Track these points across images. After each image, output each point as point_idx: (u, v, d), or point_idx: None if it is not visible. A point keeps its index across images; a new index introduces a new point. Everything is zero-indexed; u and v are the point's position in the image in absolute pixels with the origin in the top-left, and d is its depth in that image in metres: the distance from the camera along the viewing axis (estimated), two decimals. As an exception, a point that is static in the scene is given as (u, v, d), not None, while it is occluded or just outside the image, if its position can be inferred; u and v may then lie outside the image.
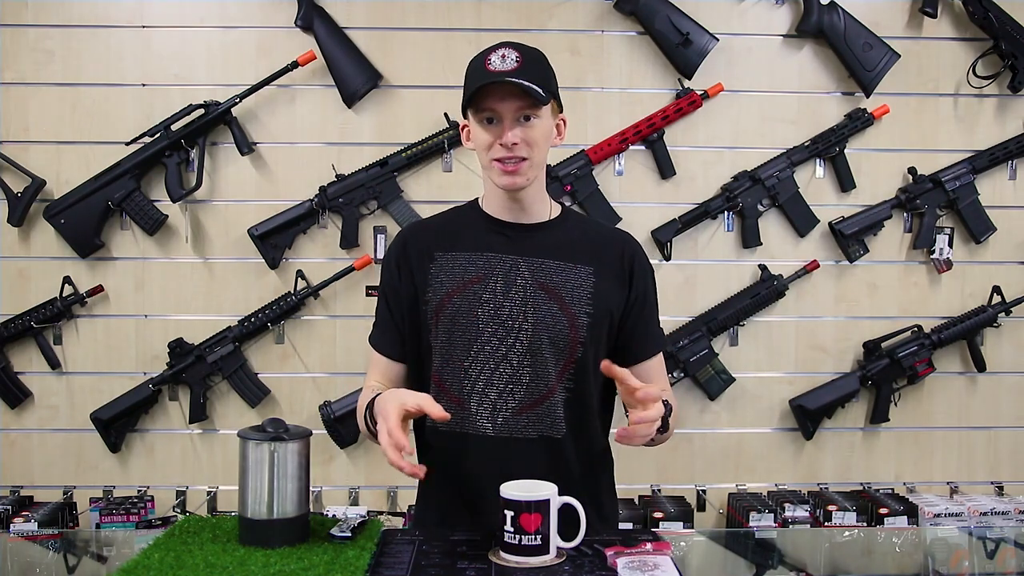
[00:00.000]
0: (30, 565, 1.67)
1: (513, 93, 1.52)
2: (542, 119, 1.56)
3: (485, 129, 1.56)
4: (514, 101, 1.53)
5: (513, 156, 1.54)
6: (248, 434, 1.42)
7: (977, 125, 2.83)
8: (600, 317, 1.60)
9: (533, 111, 1.54)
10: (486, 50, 1.57)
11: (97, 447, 2.74)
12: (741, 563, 1.74)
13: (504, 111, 1.53)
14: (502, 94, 1.53)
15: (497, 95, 1.53)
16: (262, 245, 2.71)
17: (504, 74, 1.51)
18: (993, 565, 1.70)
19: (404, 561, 1.38)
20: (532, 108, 1.54)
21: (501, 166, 1.55)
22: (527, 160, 1.55)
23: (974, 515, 2.62)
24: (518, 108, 1.53)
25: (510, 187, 1.57)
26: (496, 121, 1.55)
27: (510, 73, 1.51)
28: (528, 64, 1.54)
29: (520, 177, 1.56)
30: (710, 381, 2.79)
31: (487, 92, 1.53)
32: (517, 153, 1.54)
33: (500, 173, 1.56)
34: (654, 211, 2.79)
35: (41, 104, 2.72)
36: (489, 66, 1.53)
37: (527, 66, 1.53)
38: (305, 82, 2.74)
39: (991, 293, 2.81)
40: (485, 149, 1.56)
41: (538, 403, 1.59)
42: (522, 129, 1.54)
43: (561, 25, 2.76)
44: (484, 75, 1.53)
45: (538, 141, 1.56)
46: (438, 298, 1.60)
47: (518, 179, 1.56)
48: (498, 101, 1.53)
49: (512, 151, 1.53)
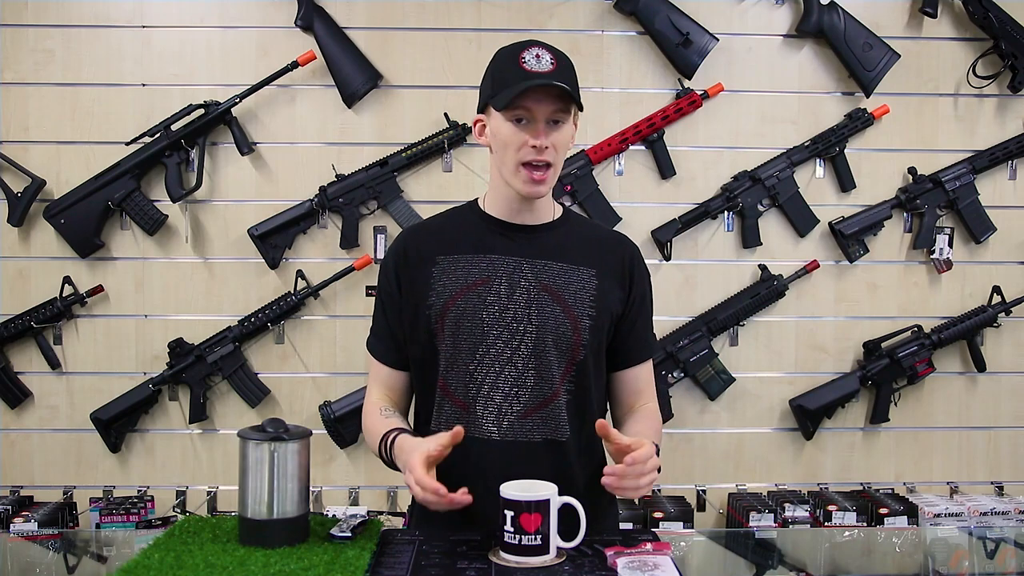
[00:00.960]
0: (30, 565, 1.67)
1: (550, 95, 1.51)
2: (568, 124, 1.56)
3: (516, 129, 1.53)
4: (550, 104, 1.51)
5: (542, 160, 1.52)
6: (248, 434, 1.42)
7: (977, 125, 2.83)
8: (601, 319, 1.60)
9: (564, 115, 1.53)
10: (516, 47, 1.54)
11: (97, 447, 2.74)
12: (741, 563, 1.74)
13: (539, 112, 1.51)
14: (539, 95, 1.50)
15: (533, 96, 1.50)
16: (262, 245, 2.71)
17: (544, 75, 1.50)
18: (993, 565, 1.70)
19: (404, 561, 1.38)
20: (564, 112, 1.53)
21: (528, 172, 1.53)
22: (552, 167, 1.54)
23: (974, 515, 2.62)
24: (553, 111, 1.52)
25: (533, 195, 1.56)
26: (527, 122, 1.52)
27: (549, 75, 1.50)
28: (562, 67, 1.52)
29: (544, 186, 1.55)
30: (710, 381, 2.79)
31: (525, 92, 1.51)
32: (546, 157, 1.52)
33: (526, 180, 1.53)
34: (654, 211, 2.79)
35: (41, 104, 2.72)
36: (525, 65, 1.51)
37: (562, 69, 1.52)
38: (305, 82, 2.74)
39: (991, 293, 2.81)
40: (515, 149, 1.53)
41: (543, 406, 1.58)
42: (551, 132, 1.53)
43: (561, 25, 2.76)
44: (522, 74, 1.50)
45: (564, 146, 1.55)
46: (442, 302, 1.59)
47: (542, 188, 1.55)
48: (535, 102, 1.51)
49: (542, 155, 1.52)
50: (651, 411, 1.67)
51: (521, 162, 1.53)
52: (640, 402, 1.68)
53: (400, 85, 2.76)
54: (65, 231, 2.68)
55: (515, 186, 1.56)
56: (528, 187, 1.54)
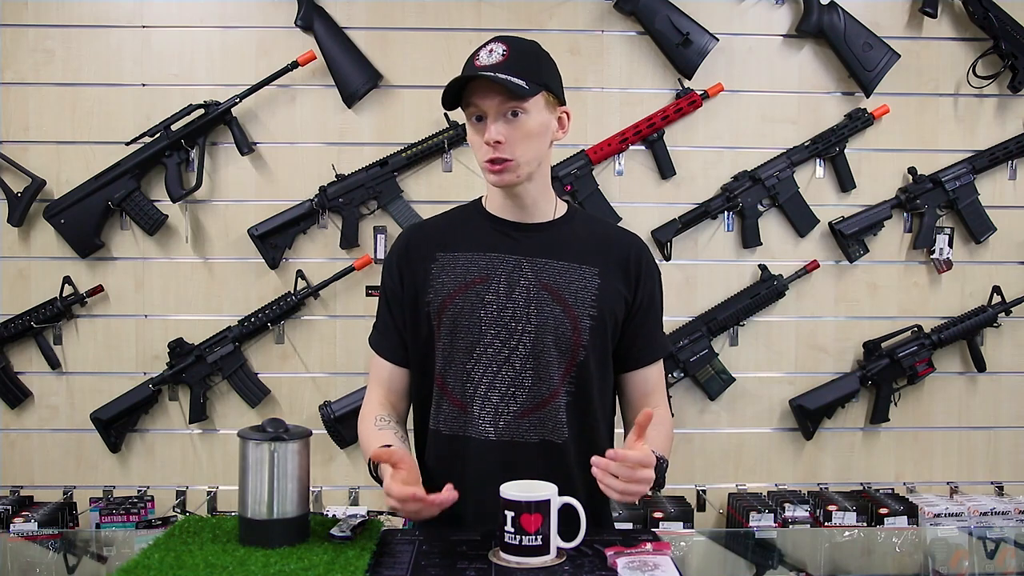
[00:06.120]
0: (30, 565, 1.67)
1: (494, 89, 1.48)
2: (530, 114, 1.51)
3: (474, 127, 1.53)
4: (495, 97, 1.48)
5: (497, 156, 1.50)
6: (248, 434, 1.42)
7: (977, 125, 2.83)
8: (603, 319, 1.58)
9: (518, 105, 1.49)
10: (482, 45, 1.54)
11: (97, 447, 2.74)
12: (741, 563, 1.74)
13: (487, 107, 1.49)
14: (484, 90, 1.49)
15: (480, 91, 1.49)
16: (262, 245, 2.70)
17: (484, 69, 1.48)
18: (993, 565, 1.70)
19: (404, 561, 1.38)
20: (517, 103, 1.49)
21: (489, 165, 1.52)
22: (512, 160, 1.51)
23: (974, 515, 2.62)
24: (500, 103, 1.49)
25: (499, 185, 1.54)
26: (484, 119, 1.51)
27: (491, 67, 1.48)
28: (514, 57, 1.49)
29: (508, 175, 1.52)
30: (710, 381, 2.79)
31: (471, 88, 1.49)
32: (500, 153, 1.50)
33: (488, 172, 1.53)
34: (654, 211, 2.79)
35: (41, 104, 2.72)
36: (477, 60, 1.50)
37: (513, 59, 1.49)
38: (305, 82, 2.74)
39: (991, 293, 2.81)
40: (477, 148, 1.54)
41: (540, 407, 1.57)
42: (507, 126, 1.50)
43: (561, 25, 2.76)
44: (469, 70, 1.50)
45: (525, 138, 1.51)
46: (440, 299, 1.58)
47: (506, 176, 1.52)
48: (480, 97, 1.49)
49: (496, 150, 1.50)
50: (662, 418, 1.63)
51: (483, 159, 1.53)
52: (650, 404, 1.63)
53: (400, 85, 2.76)
54: (65, 231, 2.68)
55: (487, 180, 1.55)
56: (490, 177, 1.53)
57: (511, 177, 1.53)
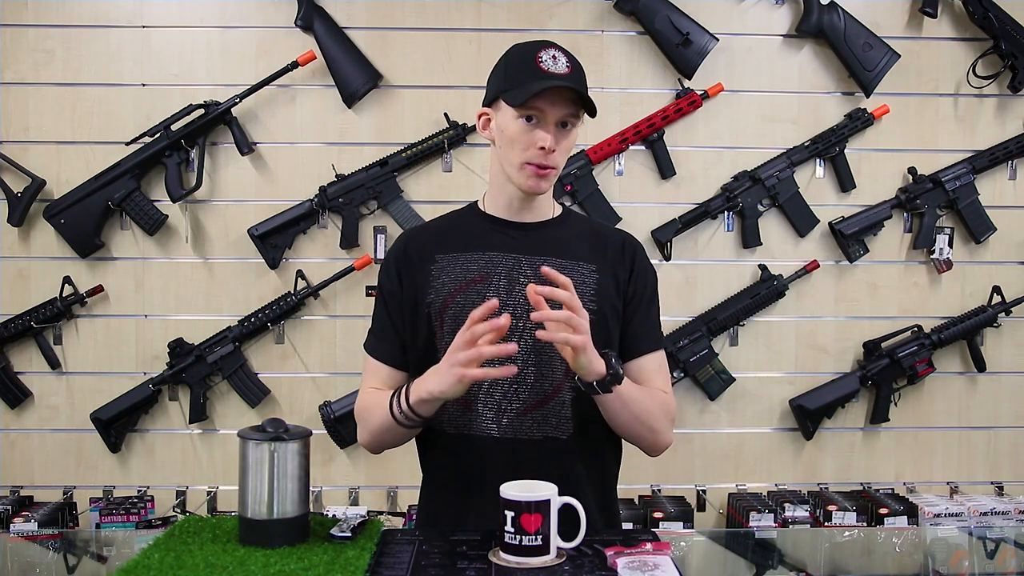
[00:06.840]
0: (30, 565, 1.67)
1: (564, 98, 1.51)
2: (576, 128, 1.57)
3: (521, 127, 1.53)
4: (563, 107, 1.52)
5: (545, 163, 1.53)
6: (248, 434, 1.42)
7: (977, 125, 2.83)
8: (603, 314, 1.59)
9: (574, 119, 1.54)
10: (532, 45, 1.55)
11: (97, 447, 2.75)
12: (741, 563, 1.74)
13: (552, 114, 1.52)
14: (553, 97, 1.51)
15: (548, 97, 1.51)
16: (262, 245, 2.71)
17: (561, 77, 1.50)
18: (993, 565, 1.70)
19: (404, 561, 1.38)
20: (575, 117, 1.54)
21: (533, 168, 1.54)
22: (554, 169, 1.55)
23: (974, 515, 2.62)
24: (564, 114, 1.52)
25: (534, 191, 1.56)
26: (537, 121, 1.53)
27: (565, 77, 1.51)
28: (576, 71, 1.54)
29: (547, 182, 1.56)
30: (710, 381, 2.79)
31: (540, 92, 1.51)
32: (551, 161, 1.53)
33: (529, 175, 1.54)
34: (654, 211, 2.79)
35: (41, 104, 2.72)
36: (542, 65, 1.51)
37: (576, 72, 1.53)
38: (305, 82, 2.74)
39: (991, 293, 2.81)
40: (521, 148, 1.54)
41: (543, 403, 1.58)
42: (557, 135, 1.53)
43: (561, 25, 2.76)
44: (539, 74, 1.51)
45: (567, 149, 1.56)
46: (441, 299, 1.59)
47: (544, 184, 1.56)
48: (549, 103, 1.51)
49: (547, 157, 1.53)
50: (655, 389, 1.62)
51: (526, 160, 1.54)
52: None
53: (400, 85, 2.76)
54: (65, 231, 2.68)
55: (517, 182, 1.56)
56: (530, 182, 1.55)
57: (547, 185, 1.57)
